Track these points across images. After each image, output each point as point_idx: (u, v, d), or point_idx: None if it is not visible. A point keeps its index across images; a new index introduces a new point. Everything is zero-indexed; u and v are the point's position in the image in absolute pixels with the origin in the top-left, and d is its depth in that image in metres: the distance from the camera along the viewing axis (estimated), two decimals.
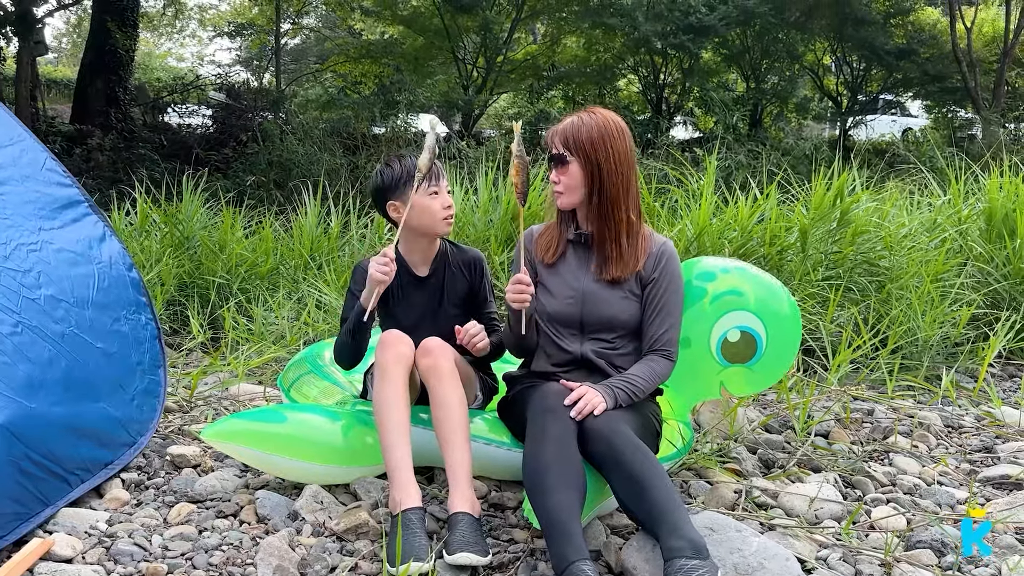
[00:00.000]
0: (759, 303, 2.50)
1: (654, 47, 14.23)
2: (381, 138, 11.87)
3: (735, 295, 2.51)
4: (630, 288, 2.32)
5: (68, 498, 2.19)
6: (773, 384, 2.77)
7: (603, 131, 2.26)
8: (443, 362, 2.22)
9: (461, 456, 2.13)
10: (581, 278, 2.34)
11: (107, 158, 10.93)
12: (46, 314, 2.32)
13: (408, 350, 2.25)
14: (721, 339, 2.50)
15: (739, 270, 2.60)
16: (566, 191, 2.30)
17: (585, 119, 2.28)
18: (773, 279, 2.62)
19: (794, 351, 2.58)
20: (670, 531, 1.83)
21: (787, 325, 2.53)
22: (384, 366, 2.21)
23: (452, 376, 2.22)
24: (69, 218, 2.73)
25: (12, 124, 2.81)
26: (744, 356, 2.50)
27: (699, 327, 2.50)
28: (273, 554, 1.98)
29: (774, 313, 2.51)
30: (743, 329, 2.48)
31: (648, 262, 2.33)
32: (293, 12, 16.94)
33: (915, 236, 4.57)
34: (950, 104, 16.63)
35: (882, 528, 2.30)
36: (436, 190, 2.40)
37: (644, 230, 2.38)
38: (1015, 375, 4.02)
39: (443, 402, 2.18)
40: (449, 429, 2.16)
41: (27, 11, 11.70)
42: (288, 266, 4.87)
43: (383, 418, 2.17)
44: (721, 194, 4.90)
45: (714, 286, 2.52)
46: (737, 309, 2.49)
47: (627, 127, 2.33)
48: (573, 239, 2.38)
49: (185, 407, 3.15)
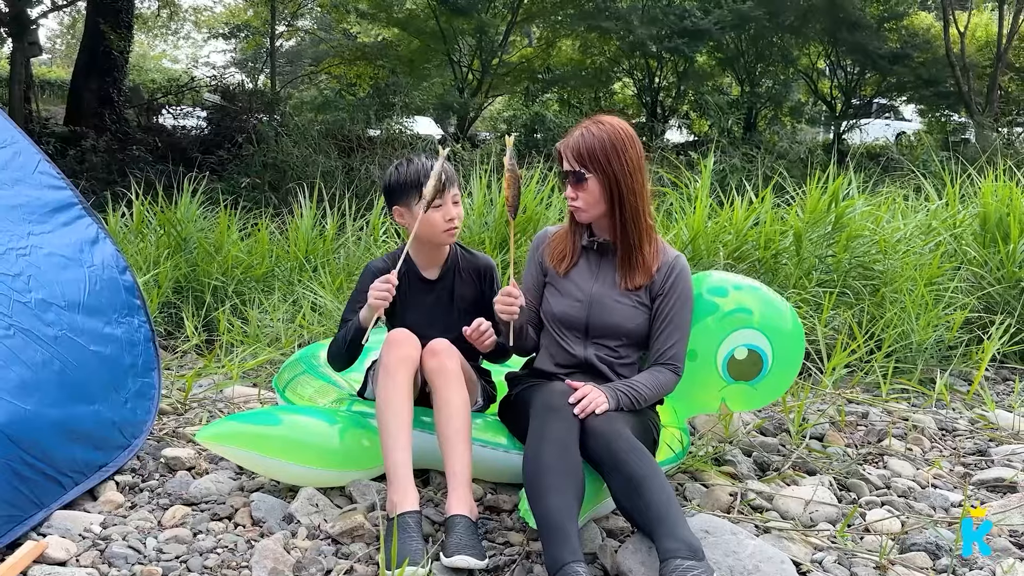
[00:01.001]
0: (766, 323, 2.50)
1: (649, 51, 14.25)
2: (376, 140, 11.86)
3: (746, 313, 2.51)
4: (639, 298, 2.32)
5: (62, 500, 2.18)
6: (774, 400, 2.77)
7: (615, 142, 2.23)
8: (449, 363, 2.22)
9: (461, 459, 2.13)
10: (591, 283, 2.34)
11: (101, 160, 10.89)
12: (37, 317, 2.31)
13: (415, 352, 2.24)
14: (728, 356, 2.50)
15: (751, 288, 2.60)
16: (586, 207, 2.28)
17: (595, 131, 2.24)
18: (782, 300, 2.62)
19: (795, 372, 2.59)
20: (666, 533, 1.84)
21: (792, 346, 2.54)
22: (389, 366, 2.20)
23: (458, 378, 2.21)
24: (60, 221, 2.72)
25: (5, 126, 2.80)
26: (749, 374, 2.51)
27: (707, 342, 2.50)
28: (268, 557, 1.98)
29: (780, 333, 2.51)
30: (751, 347, 2.49)
31: (659, 274, 2.32)
32: (288, 14, 16.91)
33: (910, 240, 4.58)
34: (944, 108, 16.68)
35: (877, 531, 2.31)
36: (440, 203, 2.37)
37: (656, 237, 2.37)
38: (1008, 378, 4.04)
39: (447, 404, 2.18)
40: (452, 431, 2.15)
41: (21, 12, 11.66)
42: (283, 268, 4.86)
43: (386, 419, 2.16)
44: (716, 197, 4.91)
45: (726, 302, 2.52)
46: (746, 327, 2.49)
47: (635, 132, 2.30)
48: (587, 245, 2.37)
49: (180, 409, 3.14)
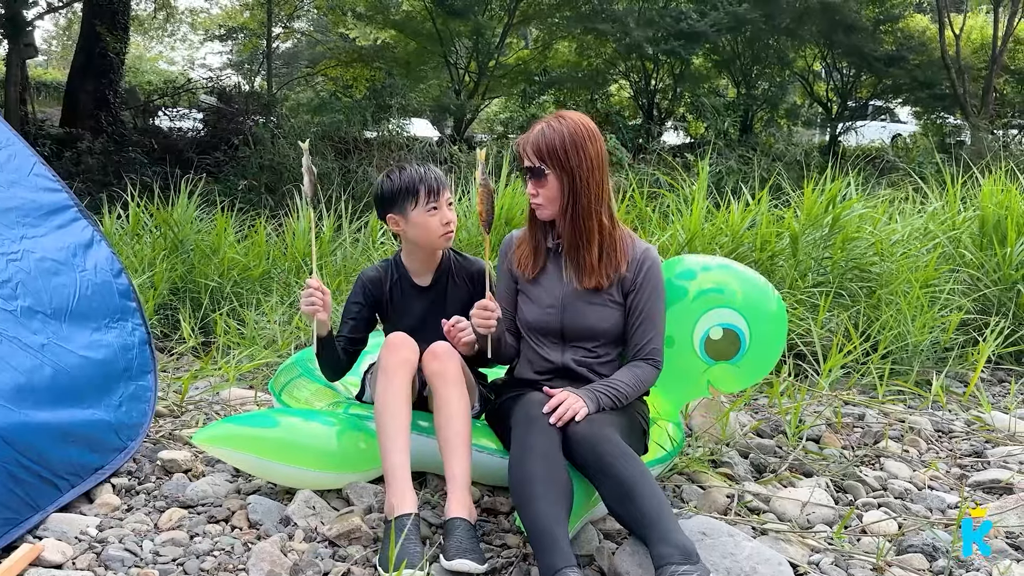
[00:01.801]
0: (739, 298, 2.49)
1: (645, 53, 14.25)
2: (373, 142, 11.86)
3: (716, 293, 2.50)
4: (610, 296, 2.30)
5: (58, 503, 2.18)
6: (763, 378, 2.77)
7: (575, 137, 2.19)
8: (451, 367, 2.21)
9: (461, 462, 2.13)
10: (561, 287, 2.32)
11: (97, 161, 10.89)
12: (23, 325, 2.31)
13: (413, 355, 2.24)
14: (704, 337, 2.49)
15: (721, 267, 2.60)
16: (546, 203, 2.25)
17: (555, 126, 2.21)
18: (755, 273, 2.61)
19: (780, 342, 2.57)
20: (659, 538, 1.83)
21: (769, 318, 2.52)
22: (388, 369, 2.20)
23: (459, 382, 2.21)
24: (54, 224, 2.72)
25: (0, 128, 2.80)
26: (728, 353, 2.50)
27: (681, 326, 2.49)
28: (265, 559, 1.97)
29: (755, 307, 2.50)
30: (725, 326, 2.48)
31: (630, 268, 2.30)
32: (284, 16, 16.90)
33: (906, 242, 4.59)
34: (939, 110, 16.73)
35: (874, 532, 2.31)
36: (435, 206, 2.38)
37: (622, 233, 2.33)
38: (1004, 380, 4.05)
39: (447, 407, 2.17)
40: (452, 433, 2.15)
41: (17, 13, 11.65)
42: (280, 270, 4.86)
43: (384, 421, 2.16)
44: (713, 199, 4.91)
45: (695, 284, 2.51)
46: (718, 307, 2.48)
47: (596, 128, 2.26)
48: (553, 247, 2.35)
49: (176, 411, 3.13)
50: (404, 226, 2.41)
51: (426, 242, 2.42)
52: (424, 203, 2.37)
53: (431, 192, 2.37)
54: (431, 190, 2.37)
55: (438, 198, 2.38)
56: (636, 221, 4.73)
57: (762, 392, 3.52)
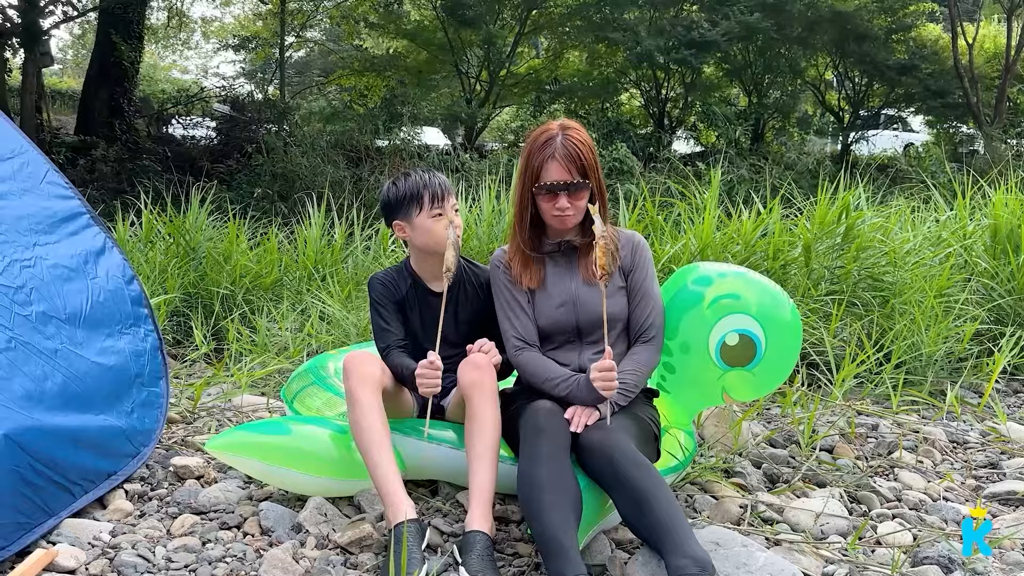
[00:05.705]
0: (754, 305, 2.50)
1: (656, 62, 14.25)
2: (385, 151, 11.92)
3: (732, 299, 2.50)
4: (616, 283, 2.36)
5: (71, 508, 2.19)
6: (777, 387, 2.76)
7: (591, 145, 2.32)
8: (488, 379, 2.22)
9: (487, 475, 2.13)
10: (569, 285, 2.35)
11: (111, 169, 10.98)
12: (37, 331, 2.33)
13: (374, 367, 2.26)
14: (720, 343, 2.49)
15: (736, 274, 2.60)
16: (578, 212, 2.31)
17: (579, 138, 2.28)
18: (770, 282, 2.61)
19: (795, 350, 2.57)
20: (673, 549, 1.82)
21: (784, 327, 2.52)
22: (351, 392, 2.22)
23: (493, 394, 2.22)
24: (67, 232, 2.74)
25: (14, 136, 2.83)
26: (743, 359, 2.49)
27: (697, 332, 2.49)
28: (277, 566, 1.98)
29: (770, 316, 2.50)
30: (741, 332, 2.48)
31: (625, 253, 2.38)
32: (297, 25, 17.02)
33: (919, 251, 4.56)
34: (952, 120, 16.65)
35: (888, 544, 2.29)
36: (440, 212, 2.39)
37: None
38: (1020, 391, 4.01)
39: (480, 418, 2.18)
40: (483, 446, 2.16)
41: (33, 23, 11.76)
42: (292, 278, 4.88)
43: (364, 444, 2.18)
44: (724, 208, 4.90)
45: (712, 290, 2.52)
46: (734, 312, 2.49)
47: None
48: (551, 250, 2.38)
49: (188, 418, 3.14)
50: (410, 232, 2.43)
51: (433, 247, 2.42)
52: (429, 208, 2.38)
53: (435, 197, 2.38)
54: (435, 195, 2.38)
55: (443, 203, 2.39)
56: (648, 229, 4.72)
57: (775, 402, 3.51)
